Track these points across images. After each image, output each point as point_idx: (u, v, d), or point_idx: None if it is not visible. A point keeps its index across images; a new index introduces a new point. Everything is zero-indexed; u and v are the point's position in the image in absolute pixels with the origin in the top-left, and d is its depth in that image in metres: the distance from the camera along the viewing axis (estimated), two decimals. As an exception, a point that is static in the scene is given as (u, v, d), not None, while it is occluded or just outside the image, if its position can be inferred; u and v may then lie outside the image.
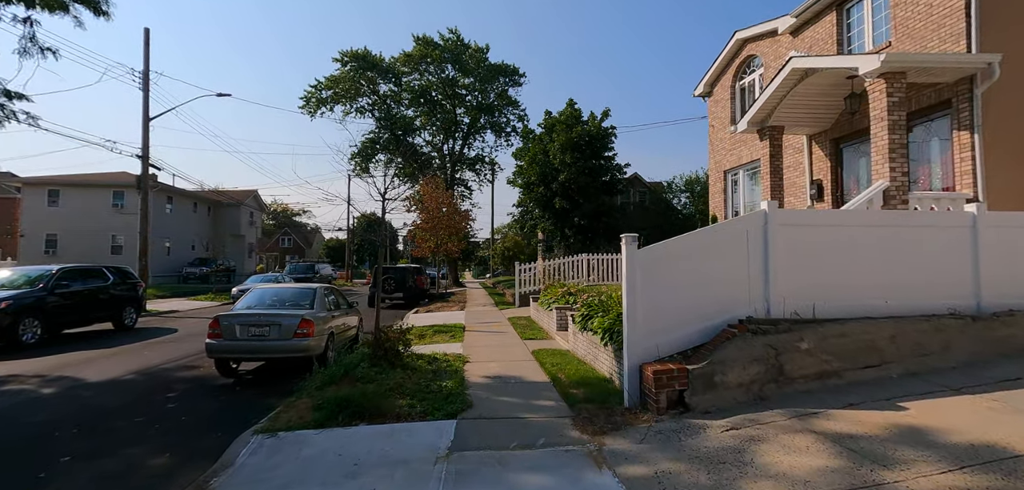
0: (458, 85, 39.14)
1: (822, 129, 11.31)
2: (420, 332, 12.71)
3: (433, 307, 21.07)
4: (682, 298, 5.84)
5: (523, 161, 28.37)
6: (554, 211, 26.23)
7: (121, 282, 14.92)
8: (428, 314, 18.39)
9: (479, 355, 9.35)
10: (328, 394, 6.24)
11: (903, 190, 7.83)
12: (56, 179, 34.27)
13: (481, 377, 7.50)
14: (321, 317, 9.09)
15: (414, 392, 6.42)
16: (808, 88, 10.00)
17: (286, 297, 9.59)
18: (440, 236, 23.80)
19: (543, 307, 13.17)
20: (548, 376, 7.46)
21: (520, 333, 12.06)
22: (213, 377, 8.59)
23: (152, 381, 8.37)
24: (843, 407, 4.94)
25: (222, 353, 8.35)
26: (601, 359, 7.49)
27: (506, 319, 15.23)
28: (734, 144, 15.15)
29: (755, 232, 6.03)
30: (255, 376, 8.85)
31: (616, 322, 7.05)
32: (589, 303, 8.93)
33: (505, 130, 41.40)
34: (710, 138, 16.71)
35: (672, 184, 38.00)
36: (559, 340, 10.70)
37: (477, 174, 44.19)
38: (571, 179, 25.50)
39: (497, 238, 62.84)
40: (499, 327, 13.59)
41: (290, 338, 8.30)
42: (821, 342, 5.49)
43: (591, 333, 8.03)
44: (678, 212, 36.85)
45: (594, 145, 26.57)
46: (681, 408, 5.20)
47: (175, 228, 37.35)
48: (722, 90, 15.87)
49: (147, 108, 20.61)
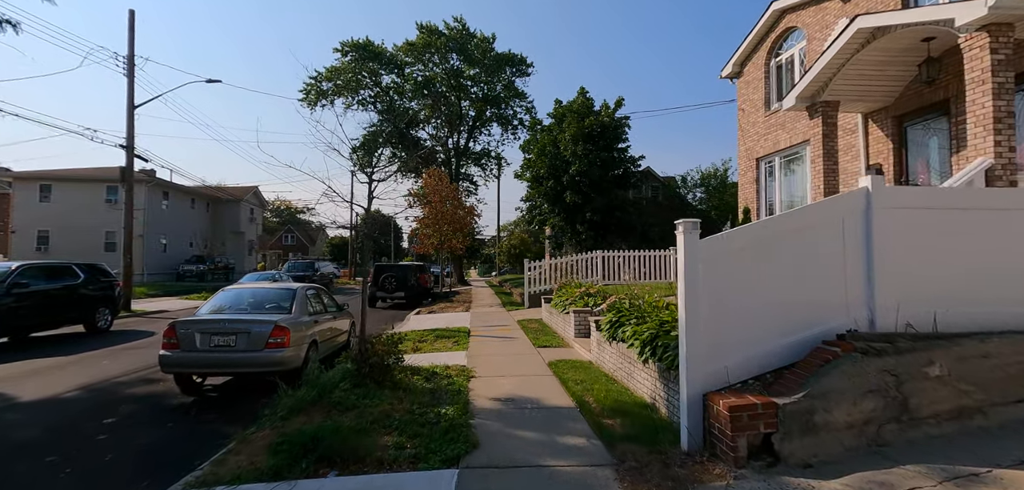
0: (463, 76, 37.72)
1: (883, 105, 9.79)
2: (419, 337, 11.32)
3: (436, 307, 19.69)
4: (758, 304, 4.39)
5: (531, 153, 26.91)
6: (564, 206, 24.78)
7: (93, 281, 13.61)
8: (430, 315, 17.00)
9: (487, 368, 7.93)
10: (292, 428, 4.84)
11: (1010, 169, 6.33)
12: (48, 174, 33.18)
13: (490, 400, 6.08)
14: (301, 323, 7.71)
15: (405, 424, 5.00)
16: (873, 54, 8.49)
17: (261, 299, 8.20)
18: (444, 232, 22.42)
19: (557, 309, 11.74)
20: (573, 399, 6.03)
21: (532, 339, 10.63)
22: (171, 394, 7.22)
23: (96, 400, 7.01)
24: (1012, 465, 3.47)
25: (178, 368, 6.97)
26: (638, 378, 6.05)
27: (515, 322, 13.81)
28: (769, 128, 13.63)
29: (854, 217, 4.57)
30: (222, 392, 7.48)
31: (660, 332, 5.60)
32: (618, 307, 7.48)
33: (512, 123, 39.93)
34: (740, 123, 15.19)
35: (686, 179, 36.38)
36: (578, 349, 9.27)
37: (483, 169, 42.81)
38: (583, 172, 24.02)
39: (503, 235, 61.54)
40: (508, 331, 12.17)
41: (260, 349, 6.91)
42: (957, 366, 4.03)
43: (623, 344, 6.59)
44: (694, 207, 35.29)
45: (607, 136, 25.07)
46: (768, 457, 3.76)
47: (172, 225, 36.18)
48: (754, 69, 14.34)
49: (132, 95, 19.34)
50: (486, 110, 39.60)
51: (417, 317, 16.71)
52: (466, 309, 18.57)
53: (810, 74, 9.24)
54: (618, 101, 25.65)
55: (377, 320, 16.62)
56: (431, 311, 18.78)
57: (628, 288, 13.20)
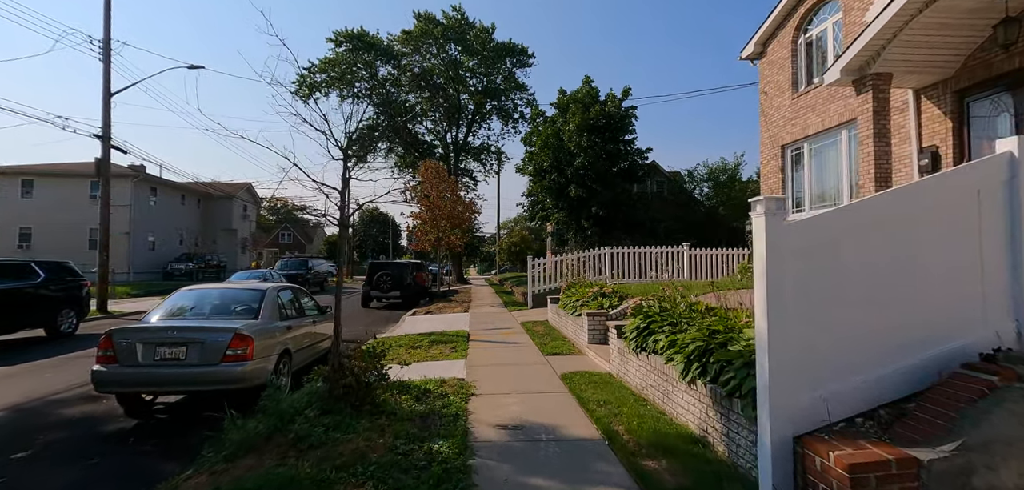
0: (462, 68, 36.47)
1: (940, 78, 8.59)
2: (413, 342, 10.13)
3: (434, 308, 18.50)
4: (865, 313, 3.20)
5: (533, 145, 25.70)
6: (568, 200, 23.58)
7: (56, 280, 12.40)
8: (427, 316, 15.82)
9: (489, 382, 6.74)
10: (232, 476, 3.65)
11: None
12: (30, 168, 31.94)
13: (494, 428, 4.89)
14: (270, 330, 6.51)
15: (384, 469, 3.79)
16: (936, 16, 7.30)
17: (224, 302, 7.00)
18: (442, 228, 21.22)
19: (566, 311, 10.54)
20: (598, 427, 4.83)
21: (540, 345, 9.44)
22: (111, 416, 6.02)
23: (17, 425, 5.80)
24: None
25: (113, 387, 5.77)
26: (679, 401, 4.86)
27: (519, 324, 12.61)
28: (797, 112, 12.43)
29: (992, 190, 3.37)
30: (176, 413, 6.29)
31: (712, 345, 4.41)
32: (646, 311, 6.28)
33: (512, 117, 38.71)
34: (762, 108, 13.99)
35: (693, 173, 35.18)
36: (594, 357, 8.08)
37: (482, 164, 41.59)
38: (588, 164, 22.82)
39: (503, 233, 60.41)
40: (512, 335, 10.98)
41: (216, 363, 5.71)
42: None
43: (655, 357, 5.40)
44: (701, 203, 34.10)
45: (613, 127, 23.88)
46: (905, 539, 2.57)
47: (161, 222, 34.92)
48: (780, 48, 13.14)
49: (108, 81, 18.10)
50: (486, 103, 38.36)
51: (413, 319, 15.53)
52: (465, 309, 17.39)
53: (859, 43, 8.03)
54: (625, 91, 24.46)
55: (369, 322, 15.44)
56: (428, 312, 17.59)
57: (644, 287, 12.02)
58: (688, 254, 16.97)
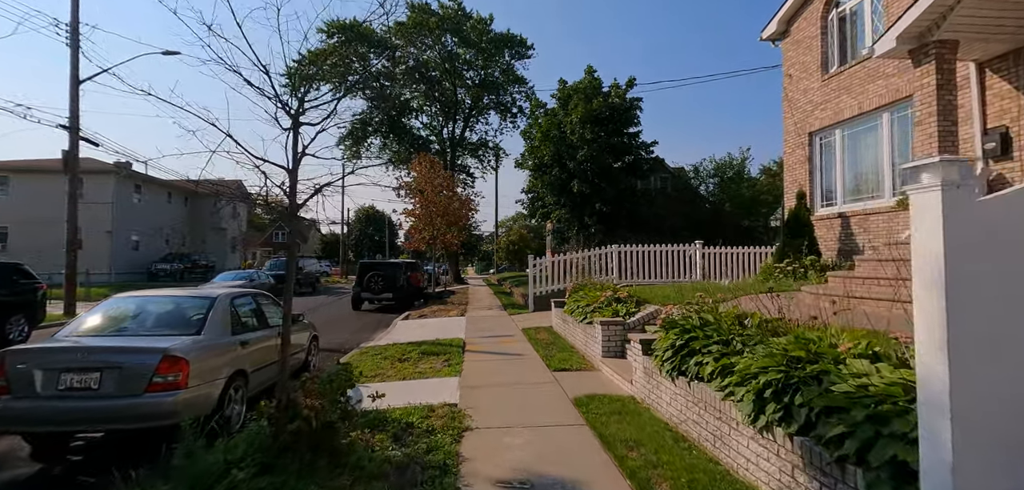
0: (458, 60, 35.20)
1: (1012, 47, 7.39)
2: (402, 353, 8.90)
3: (428, 311, 17.27)
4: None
5: (534, 138, 24.44)
6: (571, 196, 22.35)
7: (4, 283, 11.13)
8: (421, 320, 14.60)
9: (487, 409, 5.50)
10: None
11: None
12: (5, 164, 30.55)
13: (494, 484, 3.66)
14: (213, 348, 5.27)
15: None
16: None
17: (160, 312, 5.74)
18: (437, 226, 19.97)
19: (574, 317, 9.32)
20: (633, 485, 3.60)
21: (545, 357, 8.21)
22: (11, 455, 4.77)
23: None
24: None
25: (3, 426, 4.51)
26: (739, 448, 3.64)
27: (520, 331, 11.39)
28: (827, 95, 11.23)
29: None
30: (95, 452, 5.04)
31: (796, 379, 3.18)
32: (684, 324, 5.04)
33: (511, 111, 37.47)
34: (786, 93, 12.78)
35: (699, 169, 34.01)
36: (610, 374, 6.85)
37: (480, 160, 40.32)
38: (591, 158, 21.60)
39: (501, 232, 59.25)
40: (513, 344, 9.75)
41: (139, 393, 4.47)
42: None
43: (702, 384, 4.18)
44: (705, 200, 32.93)
45: (617, 119, 22.66)
46: None
47: (145, 220, 33.47)
48: (807, 25, 11.92)
49: (76, 67, 16.79)
50: (483, 97, 37.12)
51: (405, 323, 14.30)
52: (461, 312, 16.16)
53: (921, 3, 6.81)
54: (629, 81, 23.24)
55: (357, 328, 14.22)
56: (422, 315, 16.36)
57: (656, 291, 10.80)
58: (701, 253, 15.76)
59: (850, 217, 10.56)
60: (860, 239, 10.30)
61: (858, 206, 10.45)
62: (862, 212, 10.24)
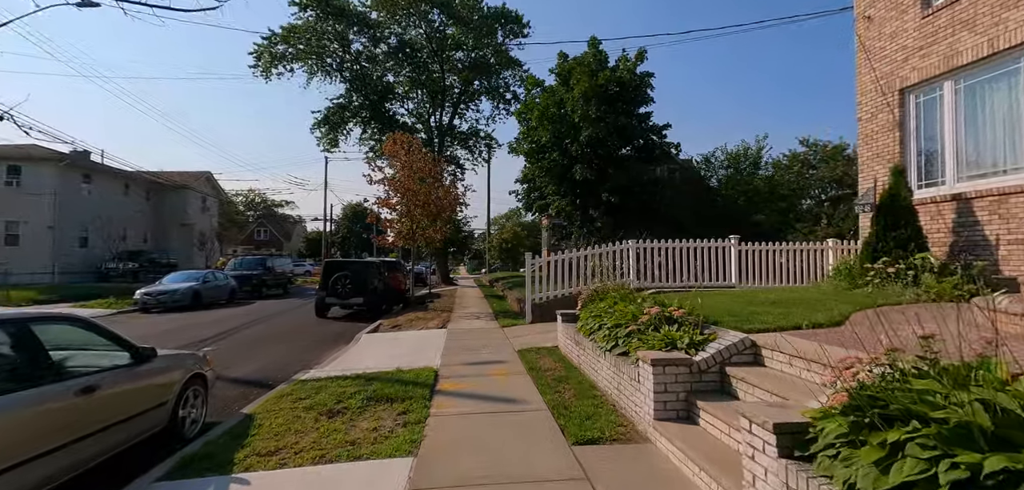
0: (447, 39, 32.05)
1: None
2: (337, 397, 5.92)
3: (404, 319, 14.25)
4: None
5: (530, 119, 21.37)
6: (572, 184, 19.36)
7: None
8: (392, 334, 11.60)
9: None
10: None
11: None
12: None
13: None
14: None
15: None
16: None
17: None
18: (416, 218, 16.90)
19: (595, 341, 6.28)
20: None
21: (556, 409, 5.22)
22: None
23: None
24: None
25: None
26: None
27: (516, 354, 8.39)
28: (932, 36, 8.31)
29: None
30: None
31: None
32: (918, 408, 2.00)
33: (504, 96, 34.45)
34: (861, 42, 9.83)
35: (711, 159, 31.13)
36: (677, 459, 3.85)
37: (471, 151, 37.22)
38: (596, 140, 18.60)
39: (494, 230, 56.26)
40: (506, 380, 6.73)
41: None
42: None
43: None
44: (718, 194, 30.02)
45: (626, 96, 19.70)
46: None
47: (97, 214, 29.97)
48: (896, -53, 8.99)
49: (-35, 20, 13.57)
50: (474, 81, 34.04)
51: (370, 338, 11.26)
52: (443, 323, 13.14)
53: None
54: (639, 53, 20.23)
55: (309, 344, 11.11)
56: (396, 325, 13.35)
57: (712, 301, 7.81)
58: (736, 251, 12.81)
59: (973, 200, 7.66)
60: (991, 229, 7.39)
61: (987, 183, 7.55)
62: (996, 192, 7.33)
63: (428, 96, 34.32)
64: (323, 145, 32.53)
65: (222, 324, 14.60)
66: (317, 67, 31.67)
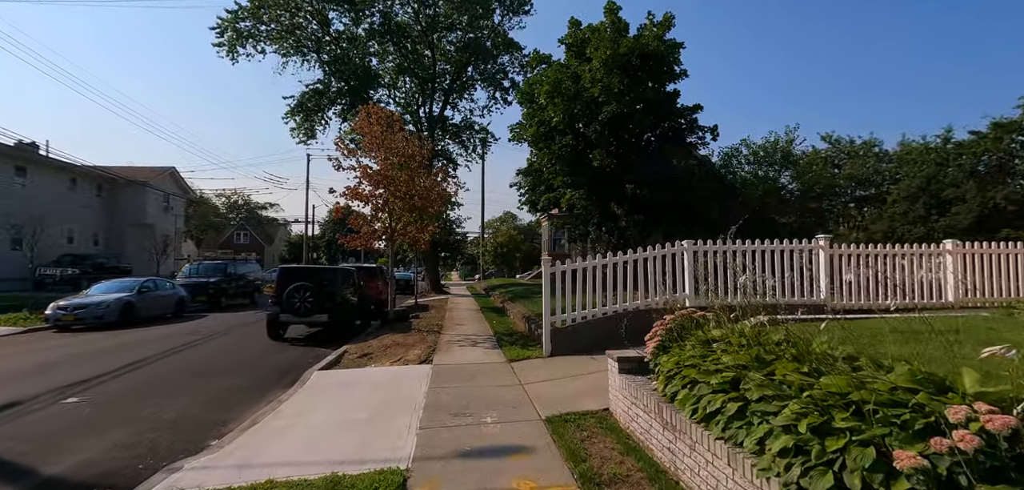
0: (438, 19, 28.56)
1: None
2: None
3: (376, 345, 10.68)
4: None
5: (537, 97, 17.80)
6: (589, 174, 15.87)
7: None
8: (354, 373, 8.06)
9: None
10: None
11: None
12: None
13: None
14: None
15: None
16: None
17: None
18: (396, 212, 13.34)
19: (707, 429, 2.79)
20: None
21: None
22: None
23: None
24: None
25: None
26: None
27: (544, 426, 4.83)
28: None
29: None
30: None
31: None
32: None
33: (501, 84, 30.98)
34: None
35: (733, 153, 27.81)
36: None
37: (464, 146, 33.66)
38: (620, 119, 15.13)
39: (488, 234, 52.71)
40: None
41: None
42: None
43: None
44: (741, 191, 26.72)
45: (652, 69, 16.28)
46: None
47: (36, 212, 25.94)
48: None
49: None
50: (467, 66, 30.56)
51: (319, 380, 7.64)
52: (427, 354, 9.58)
53: None
54: (666, 17, 16.81)
55: (228, 388, 7.10)
56: (364, 355, 9.85)
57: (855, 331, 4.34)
58: (825, 256, 9.42)
59: None
60: None
61: None
62: None
63: (417, 84, 30.80)
64: (299, 136, 28.85)
65: (142, 349, 11.02)
66: (292, 48, 28.03)
